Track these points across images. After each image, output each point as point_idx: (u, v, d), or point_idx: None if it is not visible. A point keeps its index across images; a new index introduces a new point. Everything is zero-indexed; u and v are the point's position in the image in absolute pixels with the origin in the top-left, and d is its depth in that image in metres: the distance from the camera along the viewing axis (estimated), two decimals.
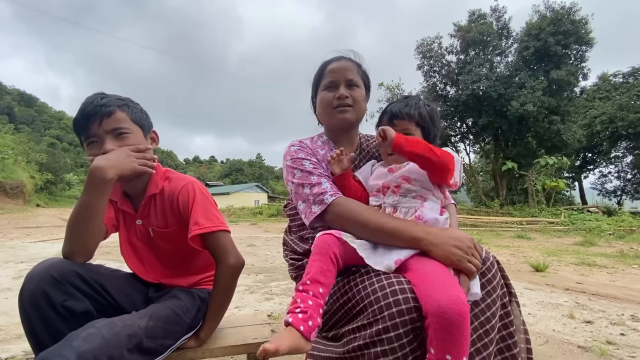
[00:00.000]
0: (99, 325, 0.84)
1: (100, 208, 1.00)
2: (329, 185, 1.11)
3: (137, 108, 1.18)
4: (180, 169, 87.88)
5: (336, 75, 1.24)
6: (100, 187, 0.98)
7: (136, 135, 1.13)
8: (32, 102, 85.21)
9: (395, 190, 1.07)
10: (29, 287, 0.91)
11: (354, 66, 1.27)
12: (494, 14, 19.91)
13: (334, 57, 1.30)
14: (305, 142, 1.30)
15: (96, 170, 0.97)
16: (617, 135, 22.67)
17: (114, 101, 1.11)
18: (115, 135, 1.08)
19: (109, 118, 1.07)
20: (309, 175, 1.15)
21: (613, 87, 24.28)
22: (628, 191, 26.55)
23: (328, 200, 1.07)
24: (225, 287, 1.16)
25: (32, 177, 30.47)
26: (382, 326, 0.80)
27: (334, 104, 1.23)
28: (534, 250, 6.60)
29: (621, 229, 10.76)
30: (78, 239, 1.00)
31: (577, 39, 17.39)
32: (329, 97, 1.24)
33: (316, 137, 1.37)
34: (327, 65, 1.28)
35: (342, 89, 1.22)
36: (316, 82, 1.32)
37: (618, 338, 2.14)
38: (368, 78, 1.34)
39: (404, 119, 1.12)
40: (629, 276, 4.26)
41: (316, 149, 1.29)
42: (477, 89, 18.02)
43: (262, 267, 4.52)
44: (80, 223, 0.99)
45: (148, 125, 1.21)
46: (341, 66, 1.25)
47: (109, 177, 0.98)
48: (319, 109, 1.30)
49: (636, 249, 6.82)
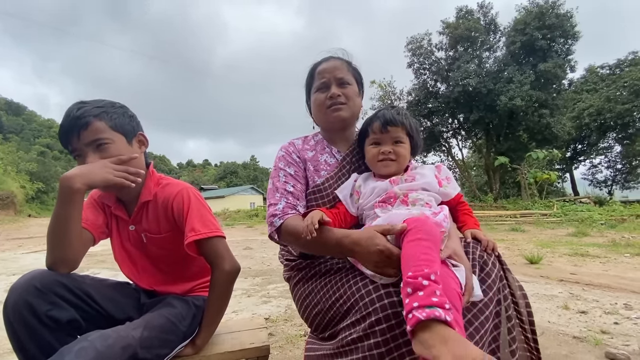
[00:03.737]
0: (92, 338, 0.83)
1: (73, 218, 0.99)
2: (283, 206, 1.13)
3: (117, 113, 1.12)
4: (173, 173, 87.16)
5: (327, 75, 1.24)
6: (69, 197, 0.97)
7: (117, 145, 1.09)
8: (20, 111, 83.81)
9: (404, 199, 1.07)
10: (12, 299, 0.90)
11: (344, 64, 1.27)
12: (480, 10, 20.10)
13: (323, 58, 1.31)
14: (295, 144, 1.30)
15: (64, 180, 0.96)
16: (606, 127, 23.05)
17: (90, 111, 1.06)
18: (95, 147, 1.06)
19: (85, 130, 1.05)
20: (275, 192, 1.18)
21: (600, 79, 24.65)
22: (618, 181, 26.97)
23: (277, 224, 1.10)
24: (221, 293, 1.16)
25: (22, 186, 29.93)
26: (375, 318, 0.81)
27: (327, 104, 1.23)
28: (528, 243, 6.67)
29: (612, 218, 10.92)
30: (57, 249, 0.99)
31: (562, 32, 17.63)
32: (321, 98, 1.24)
33: (311, 136, 1.37)
34: (316, 66, 1.29)
35: (334, 88, 1.22)
36: (308, 85, 1.33)
37: (612, 327, 2.17)
38: (360, 74, 1.33)
39: (398, 126, 1.12)
40: (621, 265, 4.33)
41: (306, 150, 1.28)
42: (467, 85, 18.16)
43: (259, 270, 4.50)
44: (56, 234, 0.99)
45: (132, 129, 1.16)
46: (331, 66, 1.25)
47: (76, 187, 0.96)
48: (314, 111, 1.30)
49: (628, 237, 6.93)
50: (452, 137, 23.30)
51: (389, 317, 0.80)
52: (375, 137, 1.15)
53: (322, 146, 1.31)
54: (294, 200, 1.15)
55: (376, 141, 1.14)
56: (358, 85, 1.31)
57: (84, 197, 1.01)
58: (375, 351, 0.79)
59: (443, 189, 1.12)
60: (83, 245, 1.08)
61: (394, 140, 1.12)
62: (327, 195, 1.19)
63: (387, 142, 1.13)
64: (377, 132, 1.14)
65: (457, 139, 23.58)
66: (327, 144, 1.32)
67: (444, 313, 0.66)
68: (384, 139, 1.13)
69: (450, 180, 1.16)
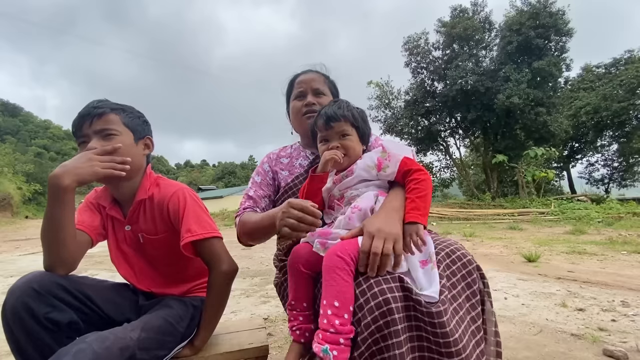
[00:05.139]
0: (90, 340, 0.83)
1: (65, 218, 0.97)
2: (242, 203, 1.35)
3: (133, 114, 1.18)
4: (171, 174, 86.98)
5: (304, 85, 1.37)
6: (59, 196, 0.94)
7: (124, 138, 1.11)
8: (17, 112, 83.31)
9: (339, 203, 1.10)
10: (10, 302, 0.90)
11: (321, 77, 1.41)
12: (474, 8, 20.15)
13: (303, 70, 1.45)
14: (272, 155, 1.47)
15: (52, 179, 0.94)
16: (602, 125, 23.12)
17: (109, 104, 1.13)
18: (103, 135, 1.08)
19: (99, 119, 1.08)
20: (246, 195, 1.38)
21: (596, 77, 24.74)
22: (615, 179, 27.07)
23: (236, 221, 1.29)
24: (219, 293, 1.16)
25: (19, 188, 29.80)
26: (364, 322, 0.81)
27: (303, 111, 1.35)
28: (526, 241, 6.70)
29: (609, 216, 10.99)
30: (52, 251, 0.99)
31: (556, 30, 17.70)
32: (298, 105, 1.37)
33: (290, 145, 1.52)
34: (296, 77, 1.43)
35: (310, 97, 1.35)
36: (288, 94, 1.47)
37: (609, 324, 2.19)
38: (336, 88, 1.47)
39: (340, 120, 1.12)
40: (618, 262, 4.35)
41: (280, 157, 1.45)
42: (464, 84, 18.19)
43: (258, 270, 4.50)
44: (49, 235, 0.97)
45: (142, 130, 1.19)
46: (308, 77, 1.39)
47: (64, 184, 0.94)
48: (292, 117, 1.44)
49: (624, 235, 6.97)
50: (449, 136, 23.33)
51: (377, 319, 0.80)
52: (322, 135, 1.17)
53: (297, 152, 1.45)
54: (253, 203, 1.34)
55: (324, 138, 1.16)
56: (333, 97, 1.41)
57: (75, 194, 1.00)
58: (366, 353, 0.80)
59: (382, 172, 1.07)
60: (80, 247, 1.07)
61: (340, 135, 1.13)
62: (297, 192, 1.26)
63: (334, 138, 1.14)
64: (322, 130, 1.16)
65: (455, 138, 23.62)
66: (302, 148, 1.45)
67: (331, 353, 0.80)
68: (330, 135, 1.14)
69: (391, 158, 1.06)
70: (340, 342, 0.80)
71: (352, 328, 0.83)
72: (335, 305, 0.83)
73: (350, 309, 0.84)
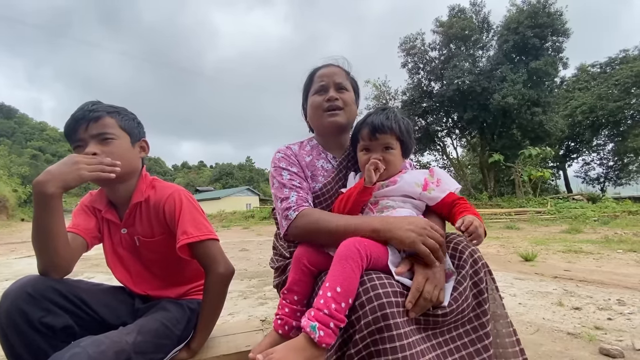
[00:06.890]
0: (84, 344, 0.82)
1: (54, 224, 0.94)
2: (295, 199, 1.10)
3: (128, 117, 1.17)
4: (168, 175, 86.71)
5: (325, 79, 1.25)
6: (45, 203, 0.91)
7: (121, 142, 1.11)
8: (12, 114, 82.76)
9: (372, 207, 1.08)
10: (5, 306, 0.88)
11: (343, 72, 1.31)
12: (473, 8, 20.26)
13: (323, 64, 1.33)
14: (292, 148, 1.30)
15: (36, 186, 0.90)
16: (598, 124, 23.32)
17: (105, 107, 1.11)
18: (100, 140, 1.07)
19: (95, 123, 1.06)
20: (282, 187, 1.15)
21: (592, 77, 24.95)
22: (610, 178, 27.26)
23: (292, 216, 1.06)
24: (216, 296, 1.15)
25: (15, 190, 29.53)
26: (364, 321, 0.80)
27: (325, 106, 1.23)
28: (522, 240, 6.73)
29: (605, 215, 11.07)
30: (44, 256, 0.97)
31: (553, 30, 17.86)
32: (319, 100, 1.24)
33: (306, 141, 1.36)
34: (316, 71, 1.31)
35: (332, 92, 1.23)
36: (306, 88, 1.33)
37: (605, 323, 2.20)
38: (357, 84, 1.37)
39: (387, 133, 1.09)
40: (614, 261, 4.38)
41: (303, 155, 1.28)
42: (461, 84, 18.29)
43: (255, 272, 4.49)
44: (39, 241, 0.96)
45: (138, 133, 1.19)
46: (330, 71, 1.27)
47: (49, 192, 0.90)
48: (310, 113, 1.30)
49: (620, 234, 7.02)
50: (446, 136, 23.46)
51: (378, 320, 0.80)
52: (364, 144, 1.13)
53: (317, 152, 1.30)
54: (305, 194, 1.13)
55: (366, 148, 1.13)
56: (355, 94, 1.33)
57: (73, 197, 0.99)
58: (364, 352, 0.80)
59: (427, 193, 1.07)
60: (74, 251, 1.06)
61: (383, 147, 1.10)
62: (326, 201, 1.19)
63: (377, 150, 1.11)
64: (366, 139, 1.12)
65: (452, 138, 23.75)
66: (322, 149, 1.32)
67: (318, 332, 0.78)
68: (374, 146, 1.11)
69: (440, 183, 1.09)
70: (330, 325, 0.79)
71: (344, 318, 0.81)
72: (337, 290, 0.81)
73: (350, 301, 0.82)
